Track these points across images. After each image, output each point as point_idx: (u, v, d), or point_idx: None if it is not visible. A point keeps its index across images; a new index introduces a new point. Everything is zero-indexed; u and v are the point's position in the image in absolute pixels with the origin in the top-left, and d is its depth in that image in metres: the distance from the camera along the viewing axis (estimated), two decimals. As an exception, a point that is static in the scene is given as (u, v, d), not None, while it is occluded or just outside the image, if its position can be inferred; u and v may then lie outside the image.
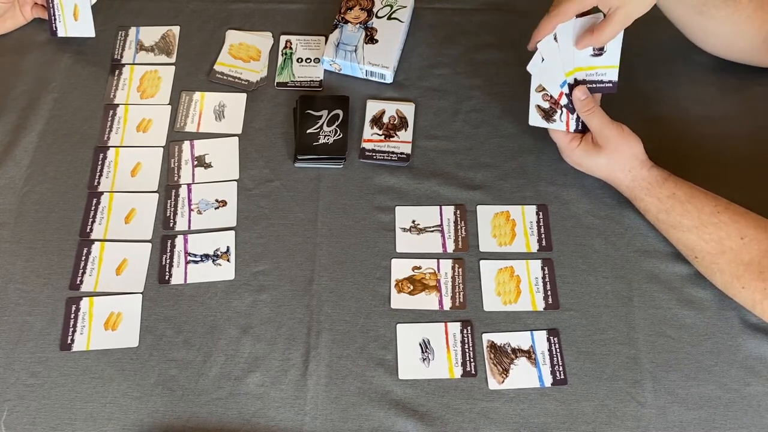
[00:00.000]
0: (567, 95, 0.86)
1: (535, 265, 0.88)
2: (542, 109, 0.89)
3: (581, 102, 0.85)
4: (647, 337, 0.84)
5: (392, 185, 0.94)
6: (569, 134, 0.89)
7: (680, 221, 0.83)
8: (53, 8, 1.02)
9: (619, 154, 0.86)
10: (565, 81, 0.86)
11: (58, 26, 1.03)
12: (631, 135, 0.86)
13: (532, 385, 0.82)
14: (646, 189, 0.86)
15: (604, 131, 0.85)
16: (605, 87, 0.86)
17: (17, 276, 0.88)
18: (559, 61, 0.85)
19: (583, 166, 0.90)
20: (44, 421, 0.80)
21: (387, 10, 1.04)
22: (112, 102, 1.01)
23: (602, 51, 0.84)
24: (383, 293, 0.87)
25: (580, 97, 0.85)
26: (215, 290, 0.87)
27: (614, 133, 0.85)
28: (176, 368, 0.83)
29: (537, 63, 0.86)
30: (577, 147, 0.88)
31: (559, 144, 0.90)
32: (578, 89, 0.85)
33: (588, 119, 0.86)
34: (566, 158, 0.91)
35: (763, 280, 0.78)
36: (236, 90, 1.02)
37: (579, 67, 0.85)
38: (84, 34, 1.03)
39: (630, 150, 0.86)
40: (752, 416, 0.79)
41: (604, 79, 0.86)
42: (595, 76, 0.86)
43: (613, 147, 0.86)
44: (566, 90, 0.86)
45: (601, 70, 0.85)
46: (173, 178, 0.95)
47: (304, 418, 0.80)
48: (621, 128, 0.86)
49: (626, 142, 0.86)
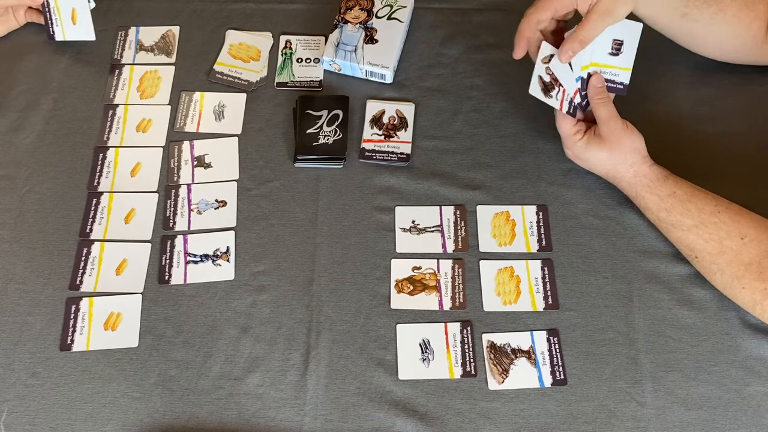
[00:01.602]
0: (580, 90, 0.86)
1: (535, 266, 0.88)
2: (543, 81, 0.88)
3: (596, 89, 0.85)
4: (647, 338, 0.84)
5: (392, 185, 0.94)
6: (575, 125, 0.89)
7: (680, 220, 0.83)
8: (49, 12, 1.02)
9: (621, 148, 0.86)
10: (580, 76, 0.86)
11: (56, 30, 1.03)
12: (635, 130, 0.87)
13: (532, 386, 0.82)
14: (647, 186, 0.86)
15: (610, 122, 0.86)
16: (616, 88, 0.86)
17: (17, 276, 0.88)
18: (576, 56, 0.85)
19: (583, 160, 0.90)
20: (44, 422, 0.80)
21: (387, 10, 1.04)
22: (112, 102, 1.01)
23: (620, 51, 0.85)
24: (383, 293, 0.87)
25: (596, 84, 0.85)
26: (215, 290, 0.87)
27: (619, 126, 0.86)
28: (176, 368, 0.83)
29: None
30: (580, 139, 0.88)
31: (562, 134, 0.90)
32: (595, 76, 0.85)
33: (598, 107, 0.86)
34: (567, 150, 0.91)
35: (763, 280, 0.78)
36: (236, 90, 1.02)
37: (595, 63, 0.85)
38: (84, 38, 1.02)
39: (632, 144, 0.86)
40: (752, 416, 0.79)
41: (617, 80, 0.86)
42: (608, 74, 0.86)
43: (615, 139, 0.86)
44: (579, 85, 0.86)
45: (615, 70, 0.86)
46: (173, 178, 0.95)
47: (303, 419, 0.80)
48: (626, 123, 0.86)
49: (629, 135, 0.86)
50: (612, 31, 0.84)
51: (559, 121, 0.90)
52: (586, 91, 0.86)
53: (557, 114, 0.90)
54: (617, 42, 0.85)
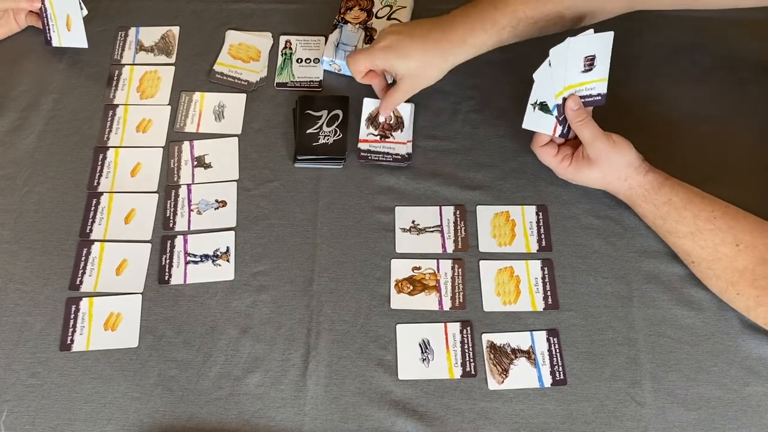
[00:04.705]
0: (557, 118, 0.86)
1: (534, 266, 0.88)
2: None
3: (573, 112, 0.85)
4: (647, 338, 0.84)
5: (392, 185, 0.94)
6: (558, 155, 0.89)
7: (676, 228, 0.83)
8: (47, 18, 1.02)
9: (612, 166, 0.86)
10: (556, 104, 0.85)
11: (53, 36, 1.03)
12: (623, 143, 0.85)
13: (532, 386, 0.82)
14: (642, 196, 0.86)
15: (596, 143, 0.85)
16: (594, 100, 0.86)
17: (17, 276, 0.88)
18: (549, 86, 0.85)
19: (578, 181, 0.90)
20: (44, 422, 0.80)
21: (386, 10, 1.04)
22: (112, 102, 1.01)
23: (592, 66, 0.84)
24: (383, 293, 0.87)
25: (572, 107, 0.85)
26: (215, 290, 0.88)
27: (605, 145, 0.85)
28: (176, 368, 0.83)
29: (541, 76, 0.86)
30: (569, 165, 0.88)
31: (550, 165, 0.90)
32: (571, 99, 0.84)
33: (580, 130, 0.85)
34: (560, 176, 0.91)
35: (756, 287, 0.78)
36: (236, 90, 1.02)
37: (569, 85, 0.85)
38: (77, 45, 1.02)
39: (623, 159, 0.85)
40: (752, 416, 0.79)
41: (593, 92, 0.85)
42: (584, 91, 0.85)
43: (605, 159, 0.86)
44: (556, 113, 0.86)
45: (590, 84, 0.85)
46: (173, 178, 0.95)
47: (303, 419, 0.80)
48: (612, 139, 0.85)
49: (618, 151, 0.85)
50: (582, 48, 0.83)
51: (541, 157, 0.90)
52: (564, 115, 0.86)
53: (536, 151, 0.90)
54: (589, 58, 0.84)
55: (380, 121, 0.96)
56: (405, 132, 0.97)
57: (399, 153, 0.95)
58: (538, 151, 0.90)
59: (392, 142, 0.96)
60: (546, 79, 0.85)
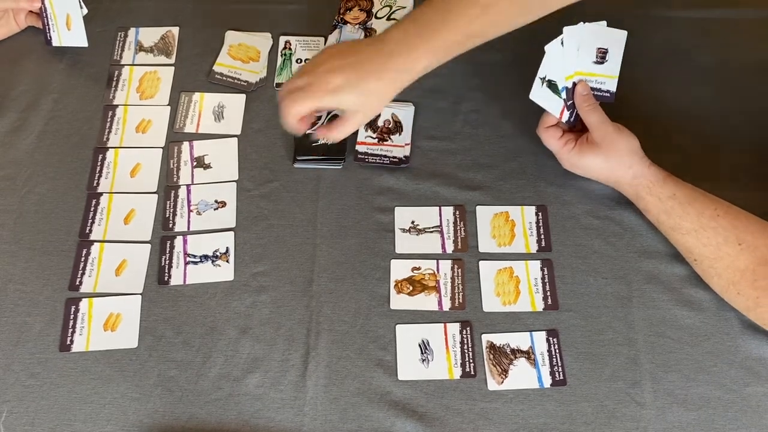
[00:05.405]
0: (565, 101, 0.86)
1: (534, 266, 0.88)
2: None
3: (582, 96, 0.86)
4: (647, 338, 0.84)
5: (391, 186, 0.94)
6: (562, 138, 0.89)
7: (680, 223, 0.83)
8: (47, 18, 1.02)
9: (617, 151, 0.86)
10: (565, 86, 0.86)
11: (53, 36, 1.03)
12: (628, 132, 0.86)
13: (532, 386, 0.82)
14: (647, 187, 0.86)
15: (602, 127, 0.86)
16: (603, 96, 0.86)
17: (17, 276, 0.88)
18: (560, 66, 0.85)
19: (580, 168, 0.90)
20: (43, 422, 0.80)
21: (386, 10, 1.04)
22: (112, 103, 1.01)
23: (605, 59, 0.84)
24: (383, 294, 0.87)
25: (581, 92, 0.86)
26: (214, 291, 0.87)
27: (611, 130, 0.86)
28: (176, 369, 0.83)
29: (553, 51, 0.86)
30: (572, 149, 0.88)
31: (553, 149, 0.90)
32: (581, 84, 0.85)
33: (587, 114, 0.86)
34: (563, 162, 0.91)
35: (756, 288, 0.78)
36: (235, 91, 1.02)
37: (580, 72, 0.85)
38: (77, 44, 1.02)
39: (628, 145, 0.86)
40: (752, 417, 0.79)
41: (603, 88, 0.86)
42: (594, 83, 0.86)
43: (609, 143, 0.86)
44: (565, 95, 0.86)
45: (601, 78, 0.86)
46: (172, 178, 0.95)
47: (303, 419, 0.80)
48: (618, 126, 0.86)
49: (623, 137, 0.86)
50: (596, 39, 0.83)
51: (545, 140, 0.90)
52: (572, 100, 0.86)
53: (541, 133, 0.90)
54: (602, 50, 0.84)
55: (379, 124, 0.96)
56: (403, 135, 0.97)
57: (396, 156, 0.95)
58: (543, 134, 0.90)
59: (390, 145, 0.96)
60: (557, 57, 0.85)
